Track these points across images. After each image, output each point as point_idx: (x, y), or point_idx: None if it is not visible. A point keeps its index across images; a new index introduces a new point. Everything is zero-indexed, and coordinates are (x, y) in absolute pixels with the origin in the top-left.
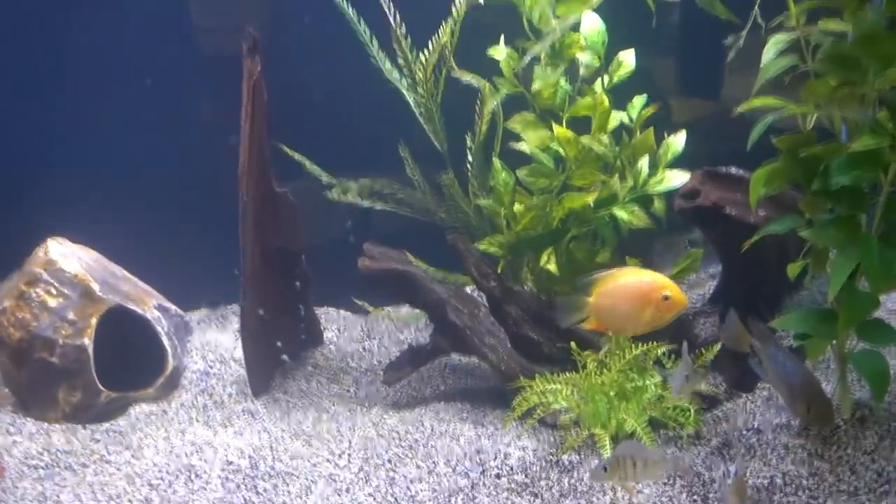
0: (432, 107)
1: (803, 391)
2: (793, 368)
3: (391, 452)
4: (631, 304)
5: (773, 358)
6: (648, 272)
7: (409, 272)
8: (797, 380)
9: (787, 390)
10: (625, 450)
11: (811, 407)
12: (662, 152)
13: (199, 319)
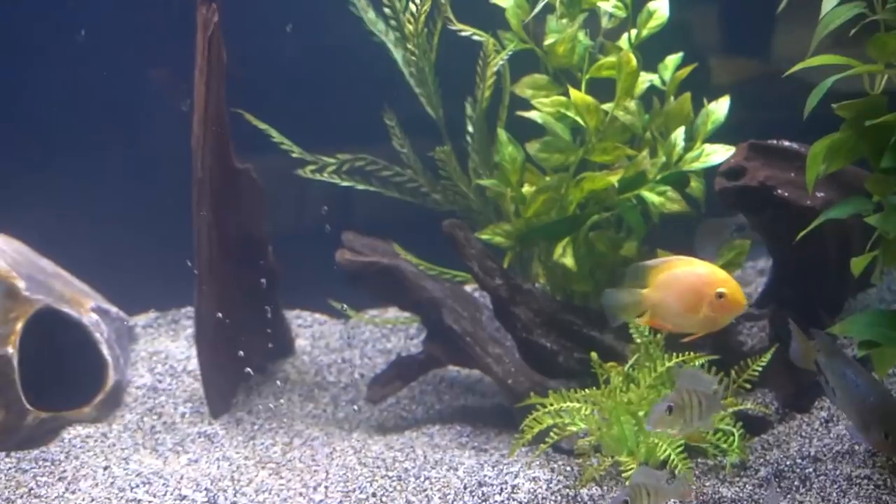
0: (425, 66)
1: (880, 414)
2: (866, 387)
3: (376, 485)
4: (683, 300)
5: (841, 375)
6: (705, 264)
7: (397, 267)
8: (872, 400)
9: (858, 413)
10: (642, 478)
11: (890, 433)
12: (701, 122)
13: (146, 324)
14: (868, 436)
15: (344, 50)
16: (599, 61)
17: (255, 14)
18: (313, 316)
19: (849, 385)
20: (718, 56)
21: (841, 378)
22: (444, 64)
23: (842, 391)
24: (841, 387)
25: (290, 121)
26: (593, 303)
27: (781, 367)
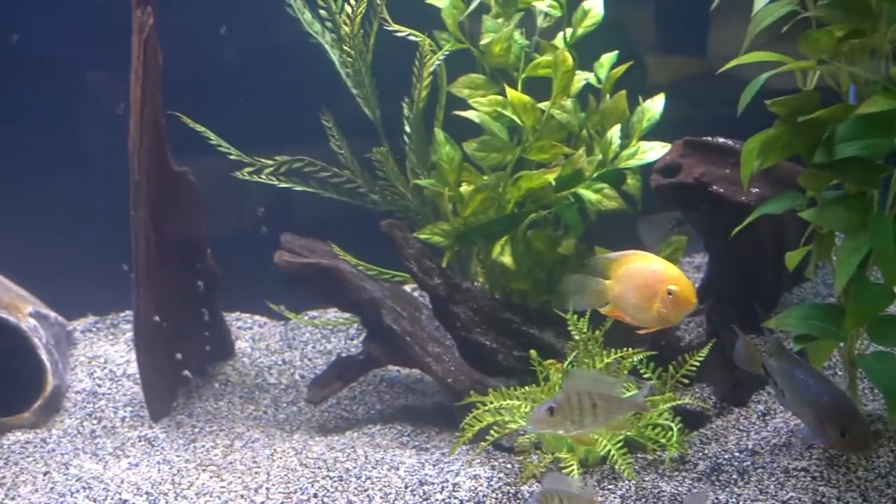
0: (361, 67)
1: (835, 413)
2: (818, 386)
3: (318, 486)
4: (638, 294)
5: (790, 376)
6: (660, 260)
7: (335, 268)
8: (826, 399)
9: (813, 413)
10: (552, 484)
11: (846, 431)
12: (636, 120)
13: (85, 329)
14: (823, 435)
15: (282, 51)
16: (535, 60)
17: (191, 16)
18: (253, 318)
19: (800, 386)
20: (655, 54)
21: (791, 379)
22: (381, 64)
23: (793, 392)
24: (791, 388)
25: (228, 123)
26: (532, 301)
27: (719, 361)
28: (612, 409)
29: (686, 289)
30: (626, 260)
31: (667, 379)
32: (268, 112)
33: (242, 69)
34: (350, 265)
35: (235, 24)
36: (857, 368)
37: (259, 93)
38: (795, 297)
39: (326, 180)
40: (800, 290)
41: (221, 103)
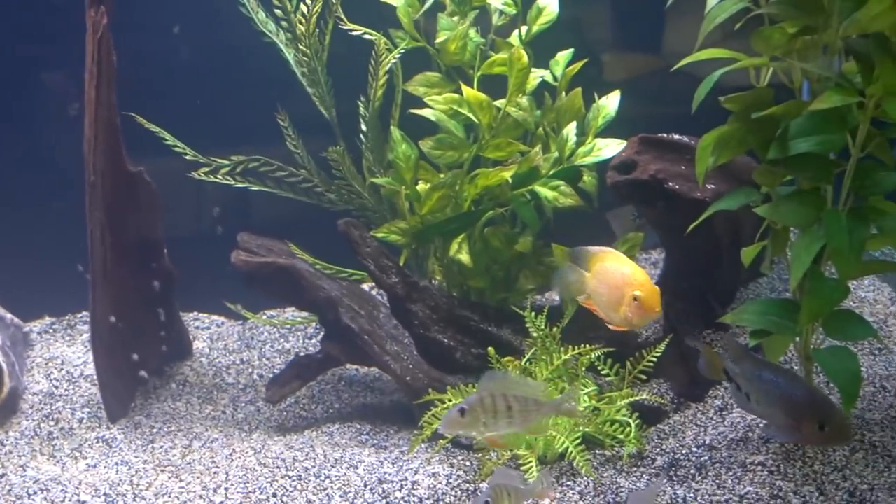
0: (317, 66)
1: (811, 407)
2: (788, 384)
3: (277, 485)
4: (609, 294)
5: (756, 377)
6: (631, 264)
7: (293, 267)
8: (800, 395)
9: (786, 411)
10: (502, 479)
11: (825, 424)
12: (592, 117)
13: (42, 330)
14: (797, 432)
15: (237, 51)
16: (491, 58)
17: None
18: (211, 318)
19: (769, 386)
20: (610, 51)
21: (757, 381)
22: (337, 63)
23: (762, 394)
24: (759, 389)
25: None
26: (490, 298)
27: (676, 357)
28: (530, 411)
29: (651, 296)
30: (602, 256)
31: (624, 375)
32: (224, 112)
33: (198, 69)
34: (307, 264)
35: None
36: (813, 363)
37: (214, 92)
38: (751, 293)
39: (283, 180)
40: (756, 286)
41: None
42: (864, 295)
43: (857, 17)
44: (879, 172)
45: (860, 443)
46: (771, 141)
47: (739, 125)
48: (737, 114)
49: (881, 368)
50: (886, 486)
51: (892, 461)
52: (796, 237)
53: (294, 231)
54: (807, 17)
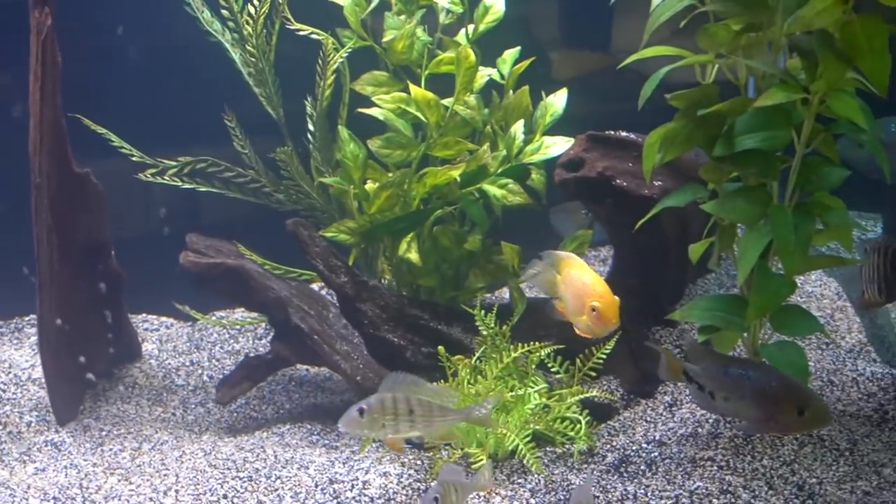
0: (264, 66)
1: (789, 394)
2: (759, 375)
3: (227, 486)
4: (573, 301)
5: (723, 374)
6: (593, 275)
7: (242, 268)
8: (776, 385)
9: (760, 404)
10: (448, 475)
11: (805, 409)
12: (540, 115)
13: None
14: (774, 422)
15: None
16: (438, 57)
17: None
18: (160, 319)
19: (738, 381)
20: (558, 49)
21: (724, 377)
22: (284, 63)
23: (729, 390)
24: (727, 386)
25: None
26: (439, 297)
27: (626, 354)
28: (433, 416)
29: (608, 308)
30: (569, 262)
31: (574, 372)
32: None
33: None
34: (256, 264)
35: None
36: (761, 358)
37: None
38: (700, 289)
39: (231, 180)
40: (704, 282)
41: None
42: (812, 290)
43: (800, 14)
44: (824, 168)
45: (808, 437)
46: (717, 138)
47: (686, 122)
48: (683, 111)
49: (828, 363)
50: (835, 480)
51: (839, 454)
52: (743, 233)
53: (243, 232)
54: (751, 14)
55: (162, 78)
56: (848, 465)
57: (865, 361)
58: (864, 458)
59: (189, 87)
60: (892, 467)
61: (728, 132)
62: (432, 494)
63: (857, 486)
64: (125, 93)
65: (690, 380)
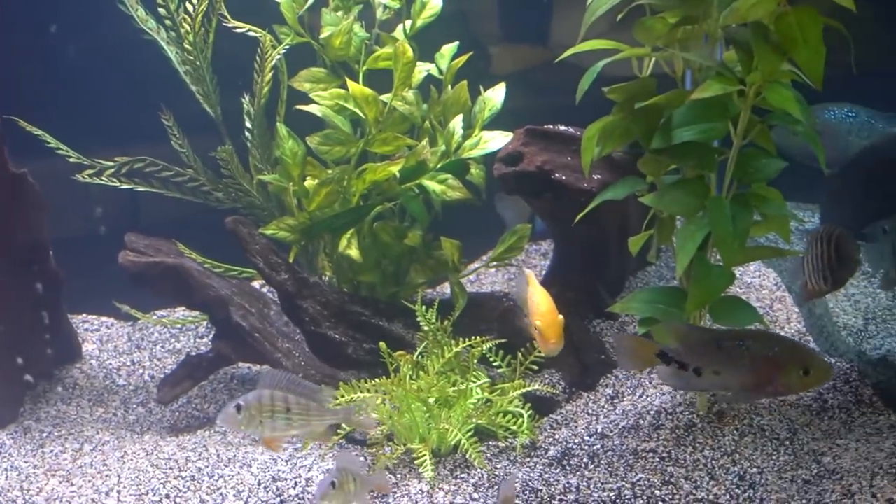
0: (201, 64)
1: (794, 355)
2: (756, 343)
3: (170, 486)
4: (529, 320)
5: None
6: (541, 293)
7: (181, 266)
8: (777, 348)
9: (762, 370)
10: (346, 463)
11: (811, 368)
12: (478, 110)
13: None
14: (775, 385)
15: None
16: (376, 53)
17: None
18: (100, 319)
19: (736, 352)
20: (497, 44)
21: (718, 351)
22: (222, 61)
23: (724, 364)
24: (721, 360)
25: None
26: (380, 293)
27: (568, 347)
28: (311, 415)
29: (549, 327)
30: (529, 280)
31: (516, 366)
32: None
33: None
34: (196, 263)
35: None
36: None
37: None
38: (641, 282)
39: (169, 180)
40: (644, 274)
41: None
42: (751, 281)
43: (735, 7)
44: (761, 159)
45: (749, 427)
46: (655, 130)
47: (623, 115)
48: (621, 104)
49: None
50: (775, 469)
51: (780, 444)
52: (682, 225)
53: (183, 231)
54: (687, 6)
55: (98, 77)
56: (788, 455)
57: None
58: (804, 447)
59: (126, 87)
60: (832, 456)
61: (665, 125)
62: (329, 479)
63: (797, 474)
64: (60, 93)
65: (669, 361)
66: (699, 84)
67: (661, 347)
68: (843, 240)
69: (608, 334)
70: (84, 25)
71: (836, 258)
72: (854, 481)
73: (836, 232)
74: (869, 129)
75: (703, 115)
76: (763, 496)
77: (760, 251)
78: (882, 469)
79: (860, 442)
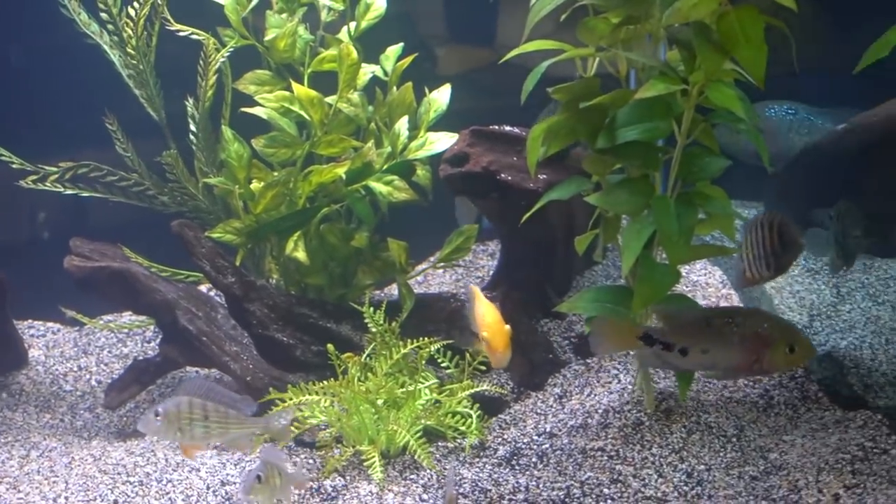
0: (145, 68)
1: (779, 334)
2: (745, 320)
3: (118, 492)
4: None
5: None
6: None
7: (127, 271)
8: (765, 325)
9: (749, 348)
10: (271, 456)
11: (795, 345)
12: (424, 111)
13: None
14: (762, 363)
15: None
16: (321, 55)
17: None
18: (46, 325)
19: (724, 330)
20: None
21: (708, 330)
22: (166, 64)
23: (713, 342)
24: (710, 338)
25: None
26: (328, 295)
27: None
28: (229, 423)
29: (495, 337)
30: (474, 294)
31: (464, 367)
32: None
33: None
34: (143, 267)
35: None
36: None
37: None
38: (588, 281)
39: (114, 184)
40: (591, 273)
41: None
42: (697, 279)
43: (677, 7)
44: (705, 158)
45: (696, 424)
46: (599, 130)
47: (568, 115)
48: (565, 104)
49: None
50: (723, 466)
51: (727, 441)
52: (627, 224)
53: (129, 235)
54: (630, 7)
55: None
56: (735, 451)
57: None
58: (751, 444)
59: (69, 91)
60: (779, 452)
61: (610, 124)
62: (255, 473)
63: (744, 471)
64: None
65: (653, 342)
66: (643, 84)
67: (644, 329)
68: (785, 225)
69: (555, 333)
70: (26, 29)
71: (780, 243)
72: (800, 476)
73: (778, 218)
74: (809, 126)
75: (646, 114)
76: (711, 493)
77: (705, 249)
78: (828, 464)
79: (806, 438)
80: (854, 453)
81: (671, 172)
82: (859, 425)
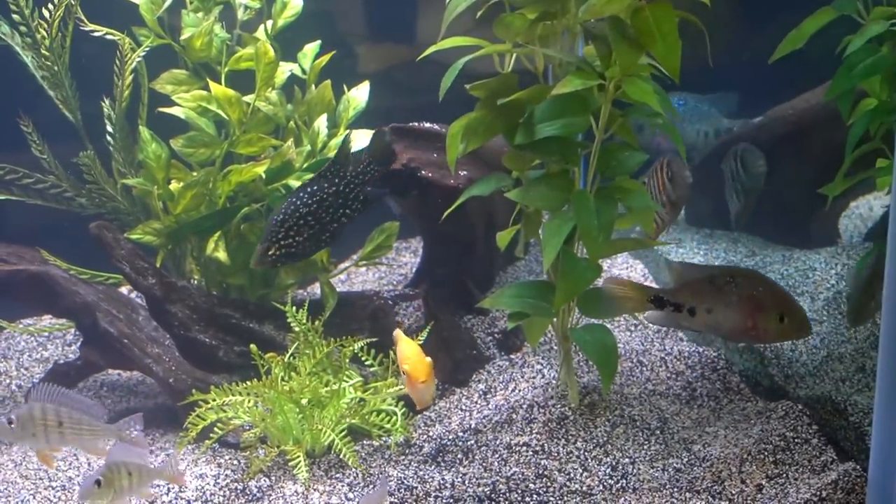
0: (59, 69)
1: (771, 300)
2: (744, 280)
3: (40, 497)
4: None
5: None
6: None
7: (46, 273)
8: (761, 288)
9: (745, 310)
10: (120, 456)
11: (785, 315)
12: (343, 109)
13: None
14: (757, 329)
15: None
16: (238, 53)
17: None
18: None
19: (725, 288)
20: (364, 42)
21: (710, 287)
22: (81, 65)
23: (715, 300)
24: (713, 296)
25: None
26: (250, 295)
27: (438, 343)
28: (83, 430)
29: (415, 369)
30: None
31: (389, 364)
32: None
33: None
34: (62, 270)
35: None
36: (571, 342)
37: None
38: (510, 276)
39: (31, 187)
40: (514, 269)
41: None
42: (618, 272)
43: (592, 2)
44: (624, 153)
45: (620, 418)
46: (518, 126)
47: (486, 112)
48: (483, 100)
49: (637, 344)
50: (647, 458)
51: (651, 433)
52: (547, 220)
53: (48, 238)
54: (545, 3)
55: None
56: (659, 444)
57: (673, 340)
58: (674, 436)
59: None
60: (702, 443)
61: (528, 120)
62: (94, 477)
63: (668, 463)
64: None
65: (664, 305)
66: (560, 79)
67: (654, 292)
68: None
69: (479, 330)
70: None
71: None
72: (724, 468)
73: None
74: (699, 114)
75: (564, 110)
76: (636, 485)
77: (625, 243)
78: (751, 455)
79: (729, 429)
80: (776, 443)
81: (590, 167)
82: (781, 416)
